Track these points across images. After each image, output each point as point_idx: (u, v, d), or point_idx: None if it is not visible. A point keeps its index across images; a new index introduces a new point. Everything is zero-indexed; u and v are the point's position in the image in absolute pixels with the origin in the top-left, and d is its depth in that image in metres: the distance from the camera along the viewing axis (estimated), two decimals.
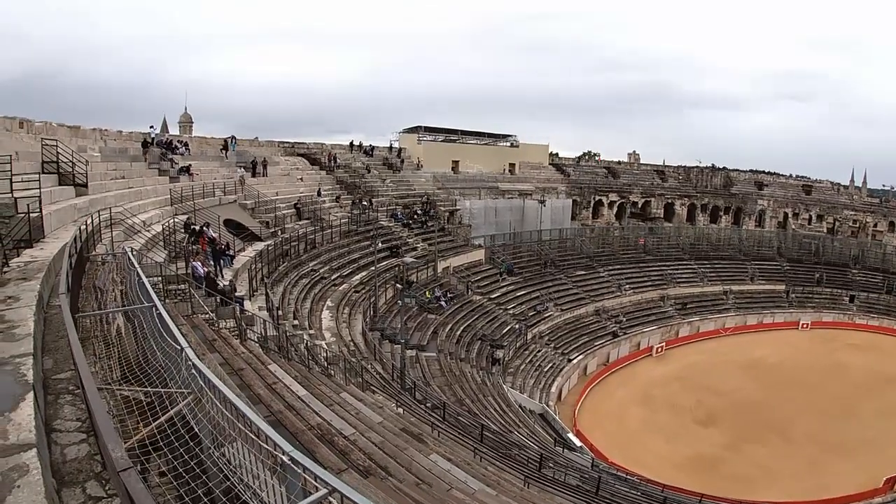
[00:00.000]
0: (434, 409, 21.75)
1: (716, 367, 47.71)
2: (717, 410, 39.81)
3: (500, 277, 48.22)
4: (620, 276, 57.81)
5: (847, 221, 78.77)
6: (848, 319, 62.14)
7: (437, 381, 27.95)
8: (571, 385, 42.01)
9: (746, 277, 64.98)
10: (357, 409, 15.02)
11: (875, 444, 35.89)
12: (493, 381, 33.45)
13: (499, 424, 24.92)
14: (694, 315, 56.63)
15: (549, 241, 58.40)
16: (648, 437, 35.68)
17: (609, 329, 49.29)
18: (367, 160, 54.32)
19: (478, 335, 38.45)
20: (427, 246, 43.98)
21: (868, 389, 44.67)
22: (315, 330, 24.67)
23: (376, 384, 21.31)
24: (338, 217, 40.43)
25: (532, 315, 45.91)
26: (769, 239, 73.37)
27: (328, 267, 33.75)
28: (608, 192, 71.01)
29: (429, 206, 49.89)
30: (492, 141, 68.89)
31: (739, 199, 79.64)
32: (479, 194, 57.70)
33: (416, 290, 37.47)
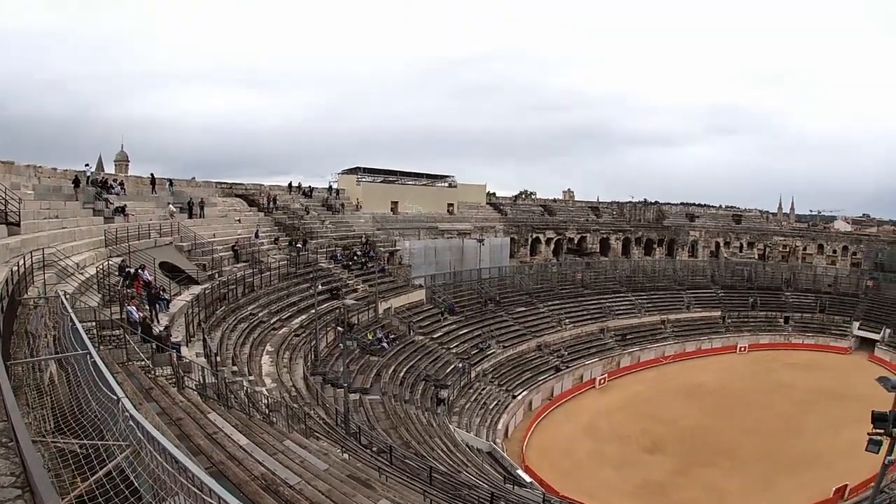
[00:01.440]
0: (380, 453, 21.36)
1: (659, 395, 48.62)
2: (664, 437, 40.39)
3: (442, 317, 48.15)
4: (560, 311, 58.63)
5: (777, 247, 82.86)
6: (784, 340, 64.88)
7: (383, 424, 27.46)
8: (517, 421, 41.93)
9: (683, 306, 66.91)
10: (301, 456, 14.59)
11: (821, 457, 37.08)
12: (439, 421, 33.14)
13: (447, 465, 24.57)
14: (634, 345, 57.89)
15: (488, 279, 59.02)
16: (597, 468, 35.86)
17: (552, 363, 49.68)
18: (307, 201, 53.78)
19: (421, 376, 38.09)
20: (367, 287, 43.63)
21: (809, 405, 46.27)
22: (255, 376, 23.98)
23: (320, 430, 20.79)
24: (276, 259, 39.67)
25: (475, 353, 45.91)
26: (703, 268, 76.38)
27: (267, 310, 32.95)
28: (545, 230, 72.18)
29: (368, 247, 49.62)
30: (430, 181, 69.48)
31: (672, 232, 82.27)
32: (418, 234, 57.82)
33: (357, 333, 37.01)
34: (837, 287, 71.68)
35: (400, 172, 66.45)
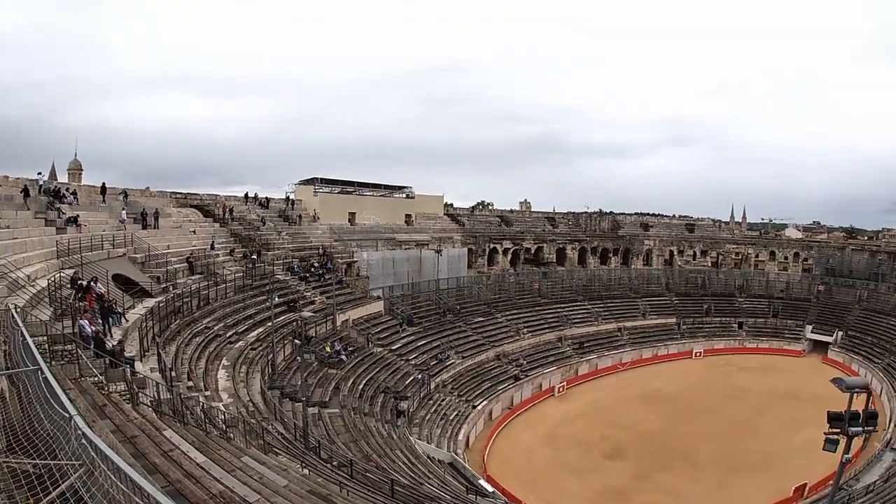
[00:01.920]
0: (341, 467, 21.00)
1: (617, 402, 49.20)
2: (623, 443, 40.85)
3: (401, 328, 47.94)
4: (518, 321, 58.97)
5: (730, 254, 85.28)
6: (738, 345, 66.53)
7: (342, 437, 27.09)
8: (478, 431, 41.92)
9: (638, 314, 68.09)
10: (260, 473, 14.25)
11: (779, 457, 38.03)
12: (400, 433, 32.83)
13: (409, 478, 24.33)
14: (591, 353, 58.53)
15: (446, 289, 59.08)
16: (558, 476, 36.07)
17: (511, 373, 49.85)
18: (263, 212, 52.97)
19: (381, 388, 37.74)
20: (325, 299, 43.19)
21: (765, 408, 47.40)
22: (211, 391, 23.41)
23: (279, 445, 20.38)
24: (232, 271, 38.86)
25: (434, 364, 45.76)
26: (657, 276, 77.96)
27: (223, 324, 32.25)
28: (502, 240, 72.67)
29: (326, 258, 49.14)
30: (388, 192, 69.16)
31: (627, 241, 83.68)
32: (376, 245, 57.55)
33: (315, 345, 36.48)
34: (790, 292, 74.22)
35: (358, 183, 66.06)
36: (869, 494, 29.09)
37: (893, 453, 37.01)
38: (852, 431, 12.84)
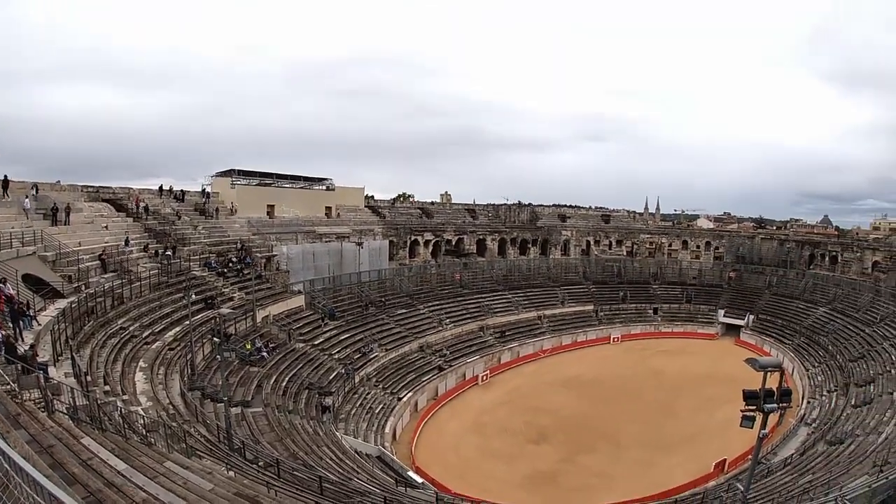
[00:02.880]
0: (267, 467, 20.62)
1: (540, 388, 50.36)
2: (548, 428, 41.89)
3: (323, 323, 47.33)
4: (440, 312, 59.37)
5: (644, 244, 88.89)
6: (654, 329, 69.66)
7: (267, 437, 26.57)
8: (404, 423, 42.05)
9: (557, 302, 69.92)
10: (184, 478, 13.86)
11: (698, 435, 39.93)
12: (326, 429, 32.53)
13: (337, 474, 24.18)
14: (513, 341, 59.73)
15: (368, 282, 58.72)
16: (486, 463, 36.64)
17: (434, 363, 50.21)
18: (178, 206, 50.76)
19: (304, 384, 37.16)
20: (244, 295, 42.03)
21: (682, 389, 49.58)
22: (129, 395, 22.41)
23: (202, 448, 19.78)
24: (147, 268, 37.11)
25: (358, 358, 45.52)
26: (575, 265, 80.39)
27: (139, 324, 30.81)
28: (423, 232, 72.69)
29: (244, 252, 47.76)
30: (308, 184, 67.76)
31: (545, 232, 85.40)
32: (296, 239, 56.37)
33: (235, 343, 35.50)
34: (702, 279, 78.46)
35: (276, 175, 64.24)
36: (787, 467, 30.88)
37: (807, 428, 39.41)
38: (767, 408, 13.41)
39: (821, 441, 34.91)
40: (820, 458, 31.07)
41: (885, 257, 69.15)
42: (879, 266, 69.41)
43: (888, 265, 67.89)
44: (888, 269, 67.28)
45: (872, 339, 51.29)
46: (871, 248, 72.42)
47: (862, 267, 71.16)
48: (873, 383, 42.72)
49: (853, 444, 31.74)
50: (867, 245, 73.93)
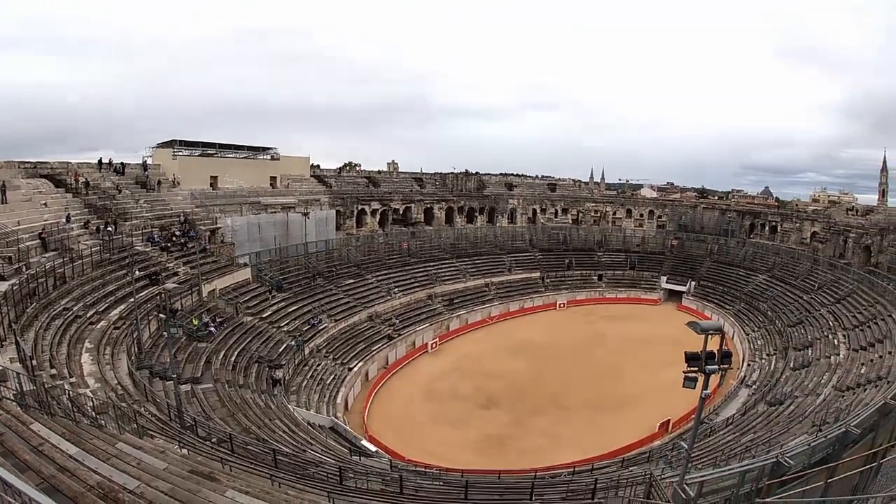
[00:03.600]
0: (221, 443, 20.66)
1: (489, 354, 51.37)
2: (497, 392, 42.85)
3: (270, 295, 46.94)
4: (389, 281, 59.60)
5: (589, 212, 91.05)
6: (599, 295, 71.62)
7: (219, 412, 26.51)
8: (356, 393, 42.41)
9: (505, 269, 71.05)
10: (138, 458, 13.82)
11: (643, 397, 41.52)
12: (277, 402, 32.60)
13: (291, 446, 24.40)
14: (462, 309, 60.49)
15: (315, 253, 58.25)
16: (438, 429, 37.38)
17: (384, 333, 50.50)
18: (119, 179, 48.88)
19: (254, 358, 36.97)
20: (189, 269, 41.23)
21: (627, 353, 51.29)
22: (77, 377, 21.97)
23: (154, 428, 19.66)
24: (88, 246, 35.80)
25: (307, 329, 45.53)
26: (522, 233, 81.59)
27: (82, 303, 29.93)
28: (370, 201, 72.25)
29: (188, 226, 46.66)
30: (252, 154, 66.02)
31: (492, 200, 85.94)
32: (240, 210, 55.31)
33: (182, 319, 34.85)
34: (645, 247, 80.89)
35: (219, 145, 62.28)
36: (729, 427, 32.43)
37: (748, 390, 41.29)
38: (708, 370, 13.92)
39: (761, 402, 36.66)
40: (761, 418, 32.66)
41: (823, 228, 72.18)
42: (818, 236, 72.51)
43: (826, 236, 70.87)
44: (826, 240, 70.29)
45: (810, 306, 53.68)
46: (809, 220, 75.63)
47: (801, 237, 74.29)
48: (811, 347, 44.81)
49: (792, 404, 33.38)
50: (806, 216, 77.21)
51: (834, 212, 75.36)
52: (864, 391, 30.79)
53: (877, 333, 40.90)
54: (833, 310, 50.33)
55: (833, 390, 34.00)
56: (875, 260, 61.70)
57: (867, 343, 40.39)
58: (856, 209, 73.59)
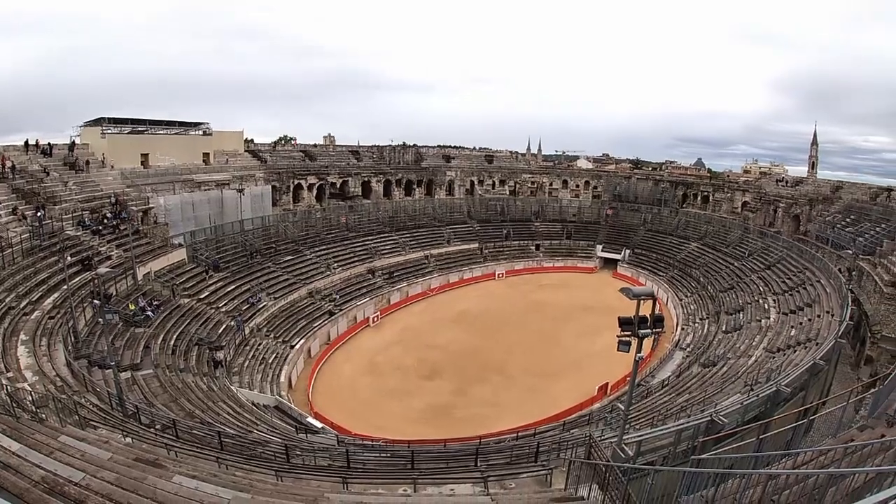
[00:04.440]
0: (165, 429, 20.74)
1: (429, 325, 52.35)
2: (439, 363, 43.90)
3: (207, 275, 46.40)
4: (328, 256, 59.63)
5: (526, 183, 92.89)
6: (537, 265, 73.55)
7: (161, 398, 26.47)
8: (299, 370, 42.62)
9: (444, 241, 72.00)
10: (81, 450, 13.93)
11: (581, 362, 43.24)
12: (220, 384, 32.66)
13: (236, 428, 24.62)
14: (402, 282, 61.24)
15: (252, 230, 57.37)
16: (382, 402, 38.09)
17: (325, 308, 50.72)
18: (46, 161, 46.66)
19: (193, 341, 36.78)
20: (122, 252, 40.29)
21: (565, 320, 52.99)
22: (13, 371, 21.65)
23: (96, 418, 19.64)
24: (17, 233, 34.47)
25: (246, 309, 45.32)
26: (460, 205, 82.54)
27: (14, 294, 29.10)
28: (307, 176, 71.58)
29: (119, 207, 45.39)
30: (183, 130, 63.94)
31: (430, 172, 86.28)
32: (173, 189, 53.98)
33: (117, 304, 34.26)
34: (581, 216, 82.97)
35: (149, 121, 59.98)
36: (665, 388, 34.08)
37: (682, 352, 43.33)
38: (642, 333, 14.74)
39: (695, 364, 38.61)
40: (695, 379, 34.45)
41: (754, 198, 76.13)
42: (748, 206, 76.35)
43: (757, 205, 74.73)
44: (756, 209, 74.11)
45: (741, 272, 56.37)
46: (741, 190, 79.73)
47: (732, 206, 78.09)
48: (742, 311, 47.20)
49: (725, 366, 35.26)
50: (738, 187, 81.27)
51: (765, 183, 79.06)
52: (794, 352, 32.64)
53: (806, 298, 43.32)
54: (763, 276, 53.04)
55: (764, 352, 35.96)
56: (804, 228, 65.41)
57: (796, 307, 42.79)
58: (786, 180, 77.39)
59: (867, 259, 47.87)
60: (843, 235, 56.31)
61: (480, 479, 14.61)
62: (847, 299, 36.61)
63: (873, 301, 41.16)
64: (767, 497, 8.20)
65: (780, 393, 22.45)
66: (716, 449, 15.33)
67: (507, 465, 19.11)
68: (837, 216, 61.98)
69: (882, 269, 43.43)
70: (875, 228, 53.71)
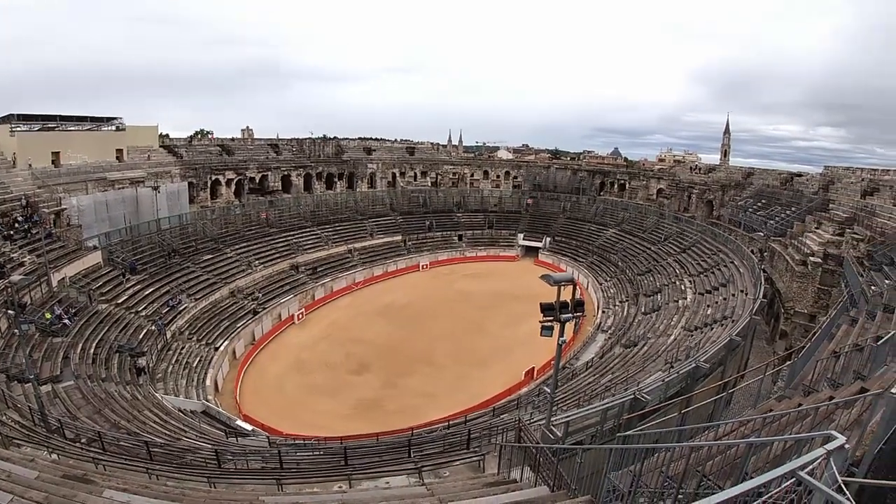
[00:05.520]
0: (91, 442, 20.60)
1: (355, 320, 52.88)
2: (367, 357, 44.58)
3: (124, 279, 45.29)
4: (249, 253, 59.23)
5: (448, 174, 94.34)
6: (460, 255, 75.24)
7: (85, 410, 26.09)
8: (225, 373, 42.40)
9: (367, 234, 72.64)
10: (7, 470, 13.80)
11: (507, 349, 44.71)
12: (144, 392, 32.25)
13: (164, 436, 24.55)
14: (326, 277, 61.46)
15: (169, 229, 56.28)
16: (312, 400, 38.51)
17: (248, 307, 50.44)
18: None
19: (114, 348, 35.98)
20: (36, 258, 38.94)
21: (490, 308, 54.56)
22: None
23: (18, 435, 19.42)
24: None
25: (167, 312, 44.54)
26: (382, 197, 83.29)
27: None
28: (225, 171, 70.28)
29: (30, 209, 43.72)
30: (95, 126, 61.32)
31: (351, 165, 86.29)
32: (86, 188, 52.03)
33: (32, 314, 33.32)
34: (502, 206, 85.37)
35: (60, 117, 57.25)
36: (589, 369, 35.81)
37: (604, 335, 45.47)
38: (563, 318, 15.69)
39: (617, 345, 40.70)
40: (618, 359, 36.34)
41: (668, 185, 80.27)
42: (663, 193, 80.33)
43: (671, 192, 78.60)
44: (671, 196, 77.98)
45: (658, 256, 59.42)
46: (656, 177, 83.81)
47: (648, 194, 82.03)
48: (660, 293, 49.86)
49: (646, 345, 37.33)
50: (653, 174, 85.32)
51: (679, 170, 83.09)
52: (711, 330, 34.86)
53: (720, 278, 46.20)
54: (679, 258, 56.15)
55: (682, 331, 38.27)
56: (717, 213, 69.48)
57: (712, 287, 45.59)
58: (699, 168, 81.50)
59: (778, 240, 51.59)
60: (755, 219, 60.18)
61: (415, 470, 15.34)
62: (760, 278, 39.35)
63: (785, 279, 44.43)
64: (692, 468, 8.55)
65: (699, 369, 24.20)
66: (641, 425, 16.47)
67: (441, 454, 19.59)
68: (749, 201, 66.08)
69: (793, 249, 46.84)
70: (785, 211, 57.65)
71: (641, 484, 8.97)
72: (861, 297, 28.13)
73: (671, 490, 8.34)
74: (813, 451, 4.83)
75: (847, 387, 13.90)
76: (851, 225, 45.37)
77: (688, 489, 8.20)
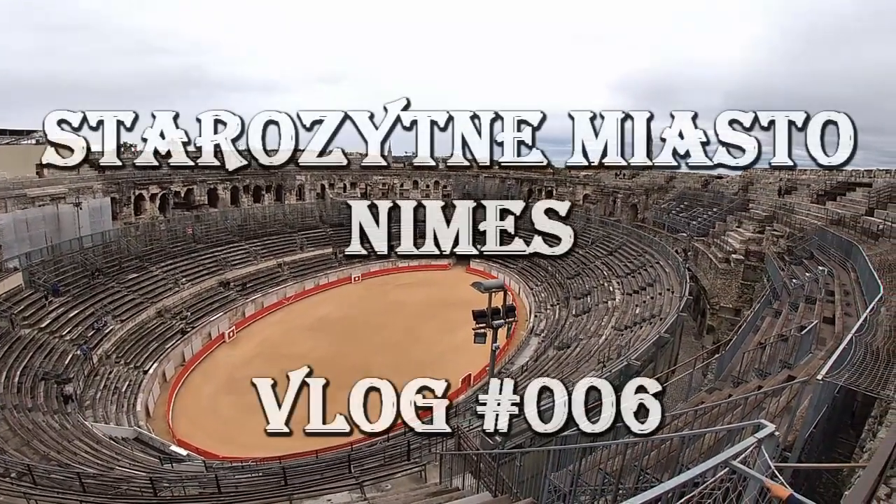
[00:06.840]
0: (21, 476, 20.28)
1: (288, 335, 52.65)
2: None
3: (47, 301, 43.88)
4: (175, 271, 58.16)
5: (377, 185, 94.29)
6: (392, 265, 75.03)
7: (12, 443, 25.46)
8: (156, 396, 41.55)
9: (297, 247, 72.41)
10: None
11: (444, 356, 45.45)
12: (73, 421, 31.54)
13: (96, 466, 24.26)
14: (256, 293, 60.80)
15: (92, 247, 54.25)
16: (247, 420, 37.46)
17: (177, 328, 49.58)
18: None
19: (39, 375, 34.96)
20: None
21: (424, 317, 55.37)
22: None
23: None
24: None
25: (92, 335, 43.29)
26: (311, 210, 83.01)
27: None
28: (148, 185, 68.33)
29: None
30: (14, 139, 58.91)
31: (279, 177, 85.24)
32: (5, 206, 50.01)
33: None
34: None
35: None
36: (525, 373, 36.95)
37: (538, 338, 46.89)
38: (496, 324, 16.44)
39: (550, 347, 42.09)
40: (552, 361, 37.63)
41: (594, 190, 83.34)
42: (589, 198, 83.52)
43: (597, 197, 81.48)
44: (597, 201, 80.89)
45: (586, 259, 61.66)
46: (581, 184, 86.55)
47: (574, 199, 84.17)
48: (590, 295, 51.82)
49: (578, 347, 38.74)
50: (579, 181, 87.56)
51: (604, 176, 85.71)
52: (641, 328, 36.53)
53: (647, 279, 48.40)
54: (606, 261, 58.52)
55: (613, 330, 39.93)
56: (641, 216, 72.66)
57: (639, 287, 47.70)
58: (623, 173, 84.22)
59: (701, 240, 54.35)
60: (678, 220, 63.18)
61: (356, 485, 15.67)
62: (685, 277, 41.49)
63: (710, 277, 46.91)
64: (630, 463, 8.76)
65: (630, 366, 25.40)
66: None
67: (382, 466, 20.00)
68: (672, 203, 69.25)
69: (716, 247, 49.54)
70: (707, 212, 60.82)
71: (581, 483, 9.41)
72: (783, 290, 29.78)
73: (611, 487, 8.73)
74: (744, 440, 5.05)
75: (774, 376, 14.71)
76: (771, 223, 48.32)
77: (627, 484, 8.61)
